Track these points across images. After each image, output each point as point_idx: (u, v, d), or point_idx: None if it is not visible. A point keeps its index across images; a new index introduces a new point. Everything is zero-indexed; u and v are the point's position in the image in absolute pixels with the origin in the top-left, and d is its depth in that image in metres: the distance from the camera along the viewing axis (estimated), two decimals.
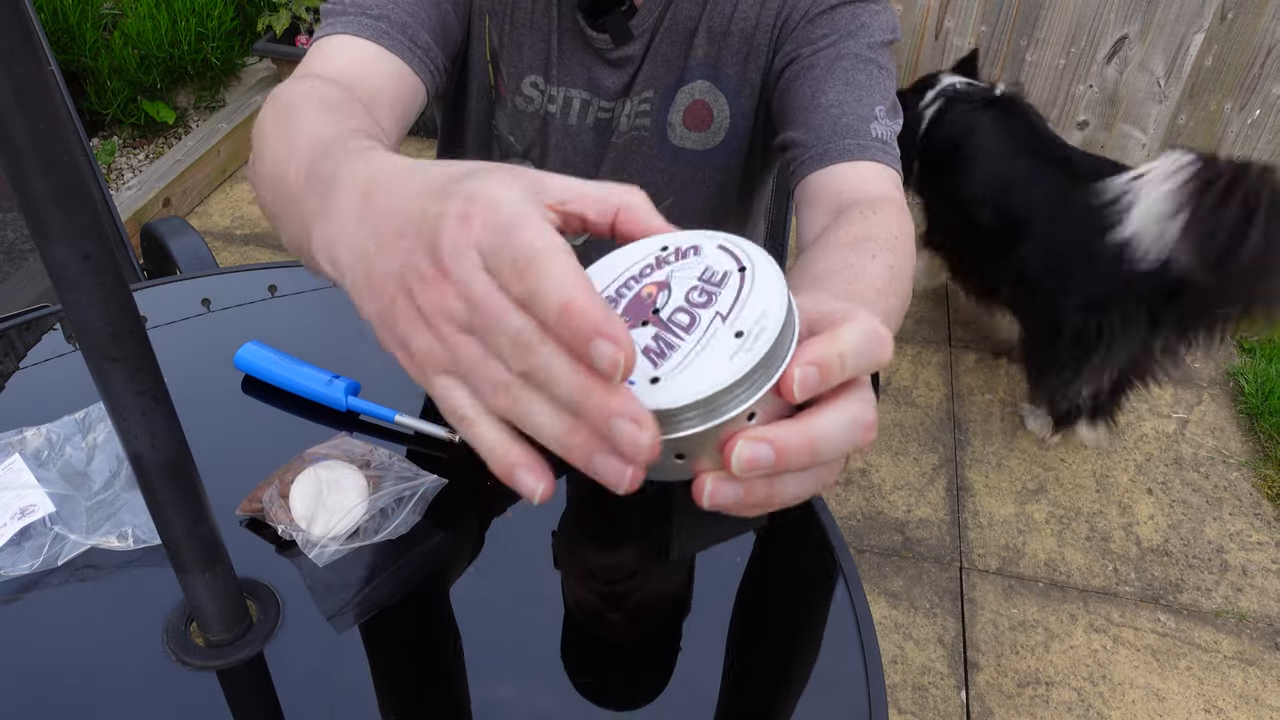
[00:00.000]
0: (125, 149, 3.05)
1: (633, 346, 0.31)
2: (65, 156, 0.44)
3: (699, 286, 0.37)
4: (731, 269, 0.37)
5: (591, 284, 0.32)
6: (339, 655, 0.67)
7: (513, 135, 1.02)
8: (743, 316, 0.35)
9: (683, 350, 0.35)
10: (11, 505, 0.74)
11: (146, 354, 0.52)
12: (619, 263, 0.39)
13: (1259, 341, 2.57)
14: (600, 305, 0.31)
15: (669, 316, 0.36)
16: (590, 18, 0.92)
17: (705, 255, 0.38)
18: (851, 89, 0.86)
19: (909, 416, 2.31)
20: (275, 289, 1.05)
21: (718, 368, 0.34)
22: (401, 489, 0.76)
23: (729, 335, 0.35)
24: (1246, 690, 1.76)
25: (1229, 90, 2.78)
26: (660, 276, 0.38)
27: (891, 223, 0.73)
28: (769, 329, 0.34)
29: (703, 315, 0.36)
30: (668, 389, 0.34)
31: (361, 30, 0.79)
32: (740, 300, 0.35)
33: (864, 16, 0.88)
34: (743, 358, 0.34)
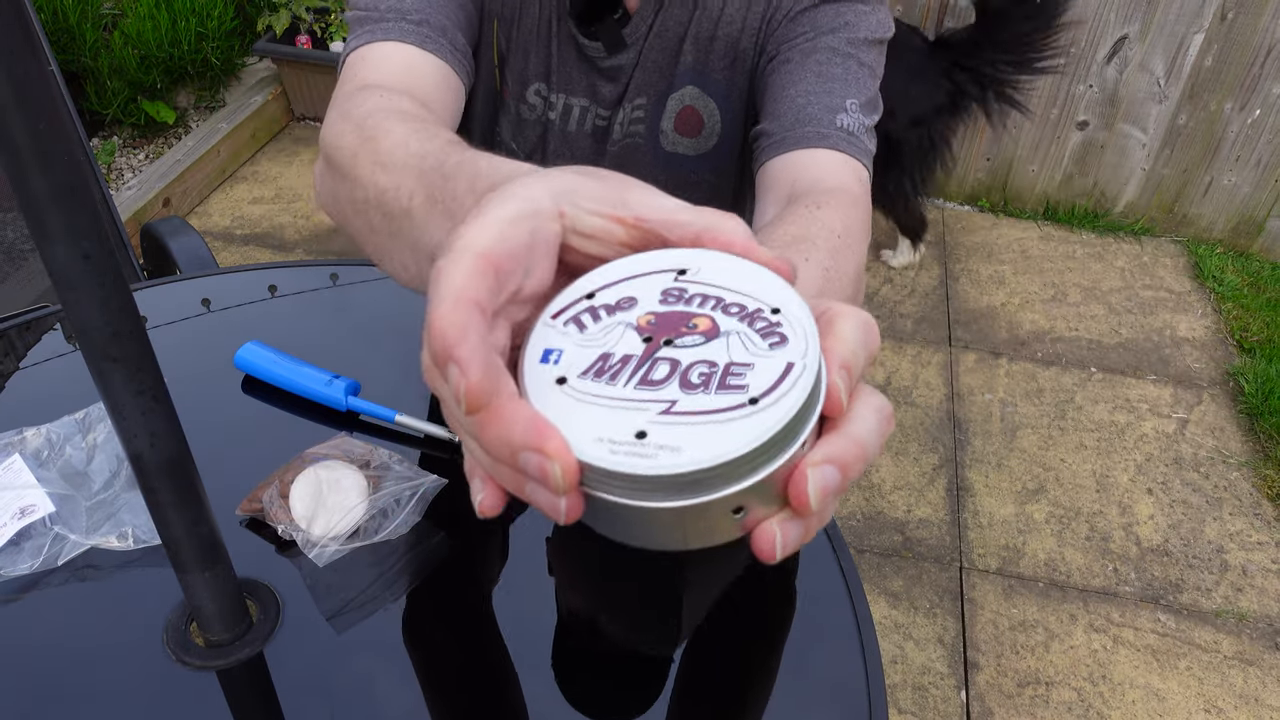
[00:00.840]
0: (125, 149, 3.05)
1: (478, 372, 0.29)
2: (65, 156, 0.44)
3: (738, 311, 0.34)
4: (762, 305, 0.34)
5: (460, 310, 0.30)
6: (339, 655, 0.67)
7: (515, 141, 1.02)
8: (788, 349, 0.32)
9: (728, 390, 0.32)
10: (11, 505, 0.74)
11: (146, 354, 0.52)
12: (635, 268, 0.36)
13: (1259, 341, 2.58)
14: (456, 328, 0.29)
15: (700, 353, 0.33)
16: (582, 26, 0.92)
17: (728, 285, 0.35)
18: (822, 80, 0.84)
19: (909, 416, 2.31)
20: (275, 289, 1.05)
21: (786, 404, 0.31)
22: (401, 489, 0.76)
23: (777, 366, 0.32)
24: (1246, 690, 1.76)
25: (1229, 90, 2.78)
26: (696, 309, 0.34)
27: (835, 221, 0.68)
28: (811, 357, 0.32)
29: (742, 350, 0.33)
30: (728, 434, 0.30)
31: (405, 36, 0.78)
32: (771, 326, 0.33)
33: (848, 15, 0.86)
34: (797, 393, 0.31)
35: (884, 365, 2.46)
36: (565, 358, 0.33)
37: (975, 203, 3.14)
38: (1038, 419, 2.32)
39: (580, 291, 0.36)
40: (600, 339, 0.34)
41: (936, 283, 2.77)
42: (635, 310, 0.35)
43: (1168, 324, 2.66)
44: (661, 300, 0.35)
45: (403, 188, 0.54)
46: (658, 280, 0.35)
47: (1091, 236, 3.02)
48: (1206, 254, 2.95)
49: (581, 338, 0.34)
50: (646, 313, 0.34)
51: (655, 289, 0.35)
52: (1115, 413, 2.36)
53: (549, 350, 0.34)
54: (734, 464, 0.30)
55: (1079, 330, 2.62)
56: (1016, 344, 2.56)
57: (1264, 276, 2.88)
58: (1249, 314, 2.70)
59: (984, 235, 3.00)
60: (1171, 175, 2.96)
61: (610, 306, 0.35)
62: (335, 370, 0.88)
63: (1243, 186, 2.92)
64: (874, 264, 2.82)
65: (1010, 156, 3.05)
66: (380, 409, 0.86)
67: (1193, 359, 2.54)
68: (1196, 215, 3.01)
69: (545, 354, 0.34)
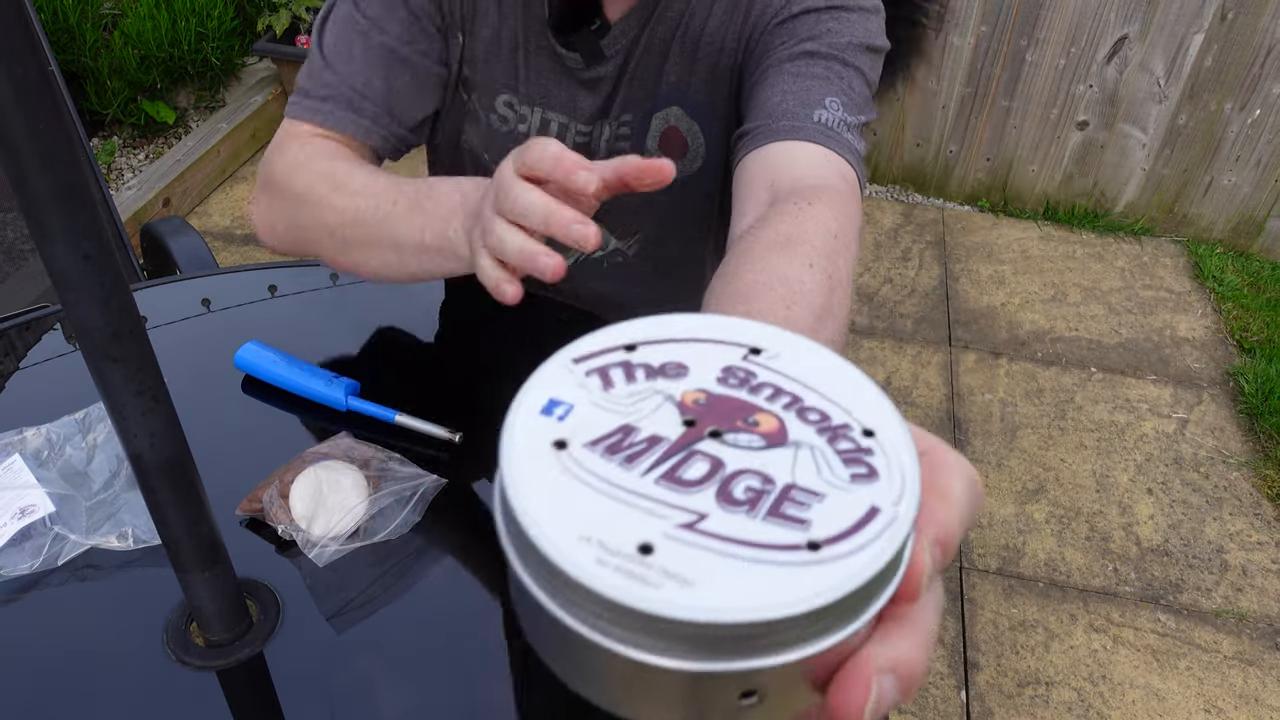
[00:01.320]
0: (125, 149, 3.05)
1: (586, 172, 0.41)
2: (66, 156, 0.44)
3: (820, 426, 0.26)
4: (851, 421, 0.26)
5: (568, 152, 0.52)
6: (339, 655, 0.67)
7: (487, 153, 1.00)
8: (876, 488, 0.25)
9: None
10: (12, 505, 0.74)
11: (146, 354, 0.52)
12: (696, 329, 0.29)
13: (1259, 341, 2.58)
14: (576, 158, 0.58)
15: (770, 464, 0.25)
16: (559, 35, 0.90)
17: (812, 383, 0.28)
18: (800, 80, 0.80)
19: (909, 416, 2.30)
20: (275, 289, 1.05)
21: (859, 563, 0.23)
22: (401, 489, 0.76)
23: (857, 508, 0.24)
24: (1246, 690, 1.76)
25: (1229, 90, 2.78)
26: (764, 401, 0.27)
27: (829, 218, 0.64)
28: (906, 509, 0.24)
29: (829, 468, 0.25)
30: (767, 582, 0.22)
31: (341, 125, 0.89)
32: (857, 452, 0.26)
33: (830, 23, 0.84)
34: (877, 553, 0.23)
35: (884, 365, 2.46)
36: (575, 416, 0.26)
37: (975, 203, 3.15)
38: (1038, 419, 2.32)
39: (618, 339, 0.28)
40: (627, 405, 0.27)
41: (936, 283, 2.77)
42: (683, 382, 0.27)
43: (1168, 324, 2.66)
44: (720, 379, 0.27)
45: (381, 203, 0.76)
46: (722, 352, 0.28)
47: (1091, 236, 3.02)
48: (1206, 254, 2.95)
49: (604, 397, 0.27)
50: (697, 389, 0.27)
51: (716, 363, 0.28)
52: (1115, 413, 2.36)
53: (555, 401, 0.27)
54: (765, 628, 0.22)
55: (1079, 330, 2.62)
56: (1016, 344, 2.56)
57: (1264, 276, 2.88)
58: (1249, 314, 2.70)
59: (984, 235, 3.00)
60: (1171, 175, 2.96)
61: (651, 368, 0.28)
62: (335, 370, 0.88)
63: (1243, 186, 2.92)
64: (874, 264, 2.82)
65: (1010, 156, 3.05)
66: (380, 409, 0.86)
67: (1193, 359, 2.54)
68: (1196, 215, 3.01)
69: (550, 404, 0.27)
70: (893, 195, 3.16)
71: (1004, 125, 2.99)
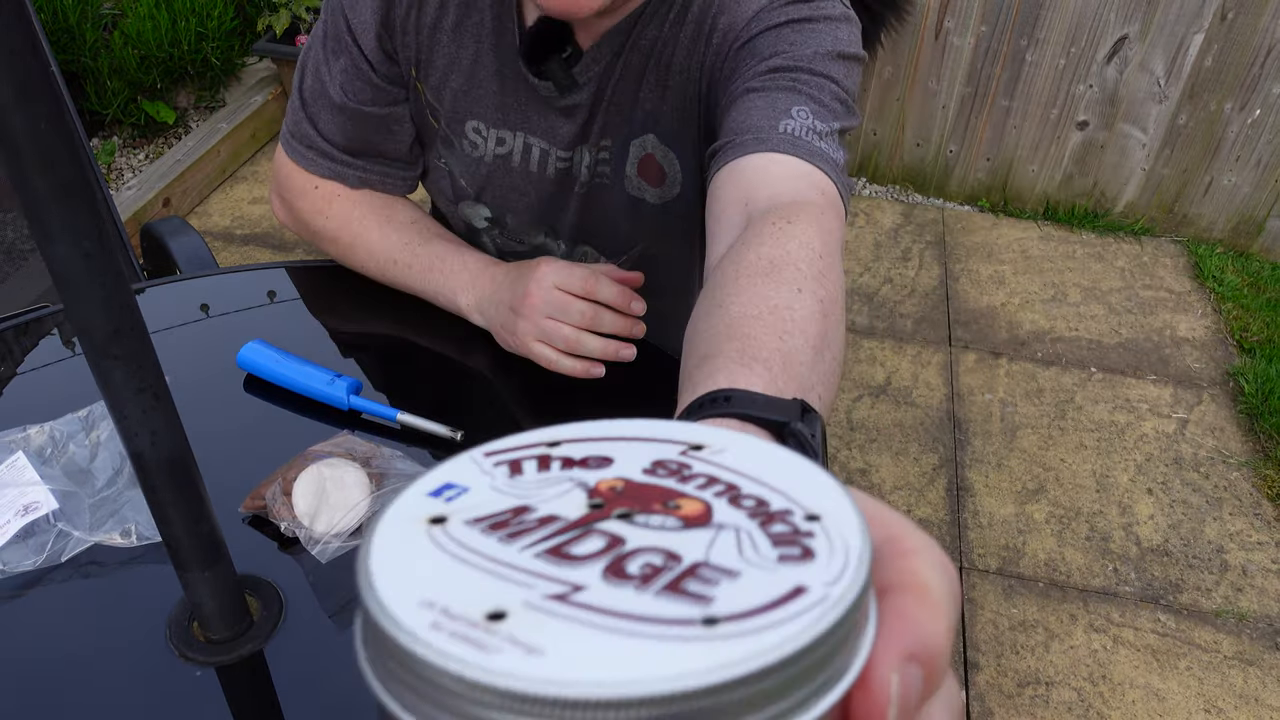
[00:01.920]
0: (125, 149, 3.06)
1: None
2: (67, 155, 0.44)
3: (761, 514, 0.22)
4: (793, 507, 0.22)
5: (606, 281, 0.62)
6: (341, 652, 0.67)
7: (464, 179, 1.01)
8: (807, 569, 0.20)
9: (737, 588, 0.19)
10: (15, 502, 0.74)
11: (147, 352, 0.52)
12: (631, 430, 0.26)
13: (1259, 341, 2.58)
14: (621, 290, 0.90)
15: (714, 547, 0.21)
16: (530, 65, 0.90)
17: (757, 475, 0.23)
18: (765, 95, 0.78)
19: (909, 416, 2.31)
20: (275, 289, 1.05)
21: (764, 642, 0.18)
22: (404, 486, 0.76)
23: (776, 587, 0.19)
24: (1246, 690, 1.76)
25: (1229, 90, 2.78)
26: (692, 489, 0.23)
27: (811, 236, 0.61)
28: (845, 589, 0.19)
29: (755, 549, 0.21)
30: (635, 654, 0.17)
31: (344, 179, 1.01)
32: (793, 534, 0.21)
33: (791, 36, 0.81)
34: (794, 633, 0.18)
35: (884, 365, 2.46)
36: (466, 497, 0.22)
37: (975, 203, 3.15)
38: (1038, 419, 2.33)
39: (541, 437, 0.25)
40: (531, 491, 0.23)
41: (936, 283, 2.77)
42: (603, 472, 0.23)
43: (1168, 324, 2.67)
44: (647, 470, 0.23)
45: (400, 262, 0.99)
46: (656, 448, 0.24)
47: (1091, 236, 3.02)
48: (1206, 254, 2.95)
49: (506, 483, 0.23)
50: (616, 477, 0.23)
51: (646, 456, 0.24)
52: (1115, 413, 2.36)
53: (449, 485, 0.23)
54: (617, 707, 0.16)
55: (1079, 330, 2.62)
56: (1016, 344, 2.56)
57: (1264, 276, 2.88)
58: (1249, 314, 2.70)
59: (984, 235, 3.00)
60: (1171, 175, 2.96)
61: (572, 460, 0.24)
62: (337, 369, 0.88)
63: (1243, 186, 2.92)
64: (874, 264, 2.83)
65: (1010, 156, 3.05)
66: (382, 408, 0.86)
67: (1193, 359, 2.54)
68: (1196, 215, 3.01)
69: (442, 488, 0.23)
70: (893, 195, 3.16)
71: (1004, 125, 3.00)
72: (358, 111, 0.96)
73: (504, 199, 1.01)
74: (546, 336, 0.88)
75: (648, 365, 0.96)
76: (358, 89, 0.95)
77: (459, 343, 0.97)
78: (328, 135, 0.97)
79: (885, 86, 3.03)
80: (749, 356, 0.50)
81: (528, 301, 0.88)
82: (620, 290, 0.90)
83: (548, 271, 0.88)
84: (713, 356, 0.52)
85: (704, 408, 0.45)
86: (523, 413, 0.91)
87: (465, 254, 0.97)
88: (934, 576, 0.21)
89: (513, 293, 0.90)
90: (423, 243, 0.98)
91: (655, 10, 0.87)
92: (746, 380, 0.48)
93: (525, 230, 1.04)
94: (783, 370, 0.50)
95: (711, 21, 0.86)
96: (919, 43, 2.92)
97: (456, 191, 1.03)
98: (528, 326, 0.89)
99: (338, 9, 0.92)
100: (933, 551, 0.22)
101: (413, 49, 0.93)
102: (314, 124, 0.97)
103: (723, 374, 0.49)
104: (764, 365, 0.50)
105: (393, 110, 0.97)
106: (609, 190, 0.97)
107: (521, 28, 0.90)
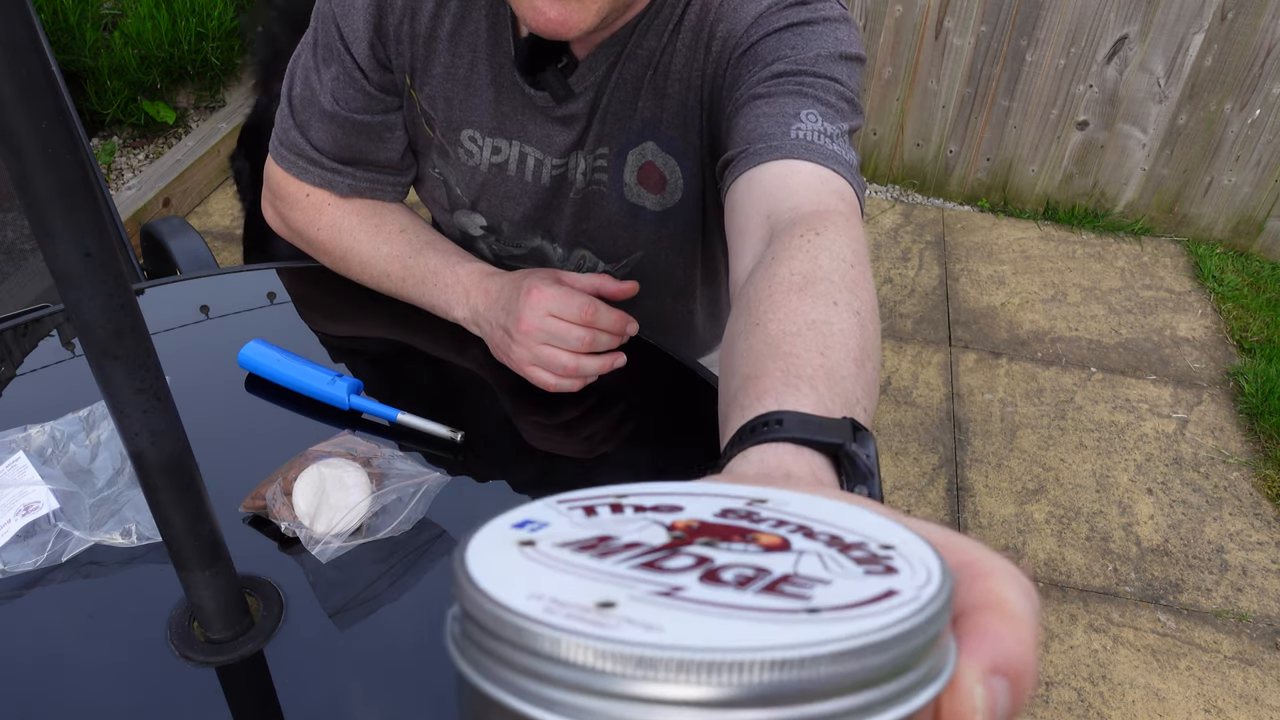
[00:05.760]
0: (125, 149, 3.05)
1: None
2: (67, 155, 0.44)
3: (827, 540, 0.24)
4: (867, 540, 0.24)
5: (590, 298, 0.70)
6: (341, 652, 0.67)
7: (459, 188, 1.01)
8: (893, 579, 0.21)
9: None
10: (16, 502, 0.74)
11: (147, 352, 0.52)
12: (695, 489, 0.27)
13: (1259, 341, 2.58)
14: (594, 302, 0.87)
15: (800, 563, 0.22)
16: (526, 75, 0.90)
17: (824, 518, 0.25)
18: (772, 101, 0.77)
19: (909, 416, 2.31)
20: (274, 296, 1.05)
21: (865, 625, 0.19)
22: (404, 486, 0.76)
23: (867, 588, 0.21)
24: (1246, 690, 1.76)
25: (1229, 90, 2.78)
26: (765, 528, 0.24)
27: (841, 247, 0.61)
28: (934, 595, 0.20)
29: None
30: (749, 627, 0.19)
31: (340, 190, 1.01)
32: (873, 557, 0.23)
33: (792, 40, 0.81)
34: (891, 621, 0.19)
35: (884, 365, 2.46)
36: (549, 530, 0.24)
37: (975, 203, 3.15)
38: (1038, 419, 2.33)
39: (609, 490, 0.26)
40: (611, 526, 0.24)
41: (936, 283, 2.77)
42: (678, 515, 0.25)
43: (1168, 324, 2.67)
44: (719, 514, 0.25)
45: (392, 274, 0.99)
46: (723, 501, 0.26)
47: (1091, 236, 3.02)
48: (1206, 254, 2.95)
49: (584, 521, 0.24)
50: (691, 519, 0.24)
51: (715, 506, 0.25)
52: (1115, 413, 2.36)
53: (530, 520, 0.24)
54: (737, 669, 0.17)
55: (1079, 330, 2.62)
56: (1016, 344, 2.56)
57: (1264, 276, 2.88)
58: (1249, 314, 2.70)
59: (984, 235, 3.00)
60: (1171, 175, 2.96)
61: (643, 506, 0.25)
62: (338, 369, 0.88)
63: (1243, 186, 2.92)
64: (874, 264, 2.83)
65: (1010, 156, 3.05)
66: (383, 408, 0.86)
67: (1193, 359, 2.54)
68: (1196, 215, 3.01)
69: (524, 522, 0.24)
70: (892, 195, 3.16)
71: (1004, 125, 3.00)
72: (349, 119, 0.95)
73: (499, 208, 1.01)
74: (543, 363, 0.87)
75: (648, 365, 0.96)
76: (349, 97, 0.94)
77: (459, 343, 0.97)
78: (317, 143, 0.97)
79: (885, 86, 3.03)
80: (794, 375, 0.50)
81: (521, 328, 0.87)
82: (618, 317, 0.89)
83: (540, 299, 0.86)
84: (757, 377, 0.51)
85: (756, 432, 0.44)
86: (523, 412, 0.91)
87: (458, 266, 0.95)
88: (1013, 594, 0.22)
89: (507, 314, 0.89)
90: (414, 254, 0.97)
91: (652, 20, 0.87)
92: (795, 401, 0.48)
93: (521, 235, 1.04)
94: (828, 388, 0.50)
95: (710, 29, 0.85)
96: (919, 43, 2.92)
97: (452, 201, 1.03)
98: (523, 353, 0.88)
99: (329, 17, 0.92)
100: (1010, 572, 0.23)
101: (407, 57, 0.93)
102: (303, 132, 0.97)
103: (770, 396, 0.48)
104: (809, 384, 0.49)
105: (385, 118, 0.97)
106: (605, 198, 0.97)
107: (517, 37, 0.90)
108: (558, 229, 1.01)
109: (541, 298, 0.86)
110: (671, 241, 1.00)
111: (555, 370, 0.87)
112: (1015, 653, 0.21)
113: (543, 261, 1.06)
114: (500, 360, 0.92)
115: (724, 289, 1.14)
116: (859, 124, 0.81)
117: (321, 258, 1.03)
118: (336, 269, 1.02)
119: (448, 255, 0.97)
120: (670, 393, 0.96)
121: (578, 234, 1.01)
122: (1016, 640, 0.21)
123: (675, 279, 1.06)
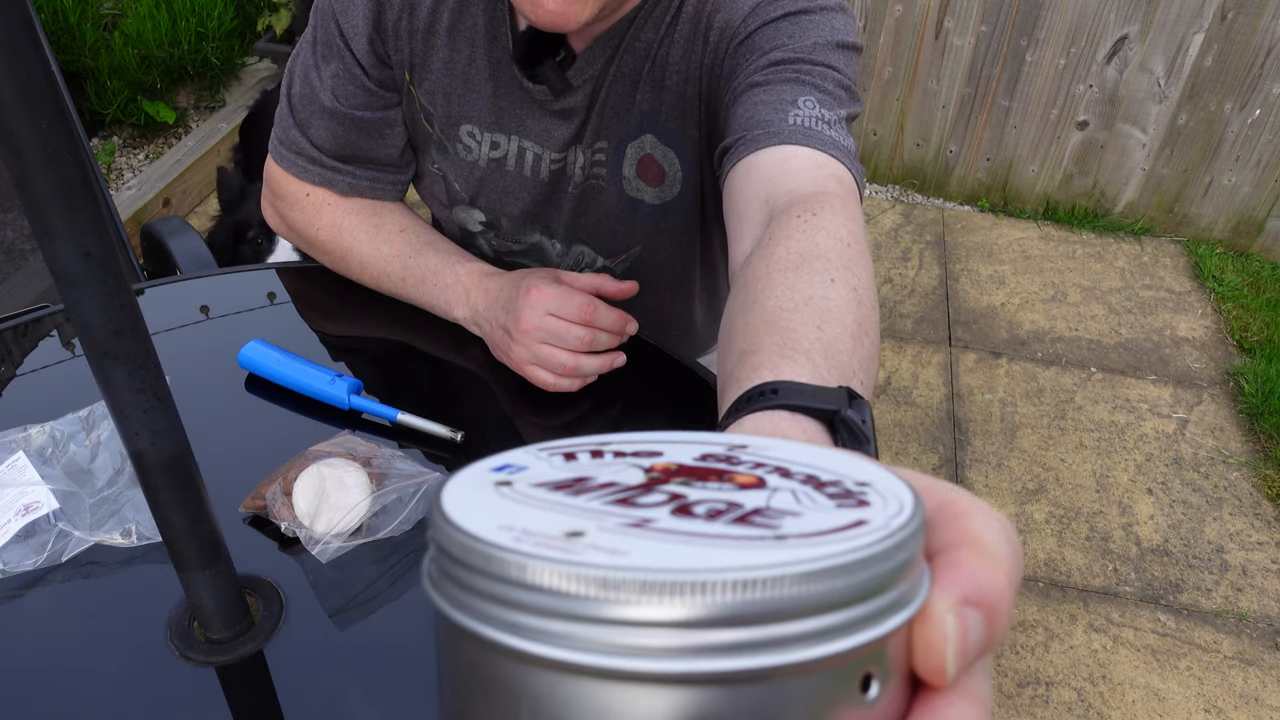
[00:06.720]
0: (125, 149, 3.05)
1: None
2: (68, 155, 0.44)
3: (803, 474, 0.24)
4: (842, 477, 0.24)
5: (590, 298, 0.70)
6: (341, 652, 0.67)
7: (458, 183, 1.01)
8: (864, 510, 0.21)
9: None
10: (16, 502, 0.74)
11: (147, 351, 0.52)
12: (677, 437, 0.28)
13: (1259, 341, 2.58)
14: (594, 301, 0.88)
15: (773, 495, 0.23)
16: (524, 69, 0.90)
17: (802, 460, 0.25)
18: (769, 89, 0.78)
19: (909, 416, 2.31)
20: (274, 296, 1.05)
21: (833, 549, 0.19)
22: (404, 486, 0.76)
23: (836, 518, 0.21)
24: (1246, 690, 1.76)
25: (1229, 90, 2.78)
26: (743, 470, 0.25)
27: (838, 227, 0.62)
28: (905, 522, 0.20)
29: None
30: (714, 550, 0.19)
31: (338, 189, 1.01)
32: (846, 492, 0.23)
33: (789, 29, 0.81)
34: (861, 545, 0.19)
35: (884, 365, 2.46)
36: (527, 473, 0.24)
37: (975, 203, 3.15)
38: (1038, 419, 2.33)
39: (591, 440, 0.27)
40: (589, 470, 0.24)
41: (936, 283, 2.77)
42: (656, 460, 0.25)
43: (1168, 324, 2.67)
44: (698, 459, 0.25)
45: (392, 274, 0.99)
46: (704, 447, 0.26)
47: (1091, 236, 3.02)
48: (1206, 254, 2.95)
49: (563, 465, 0.25)
50: (670, 462, 0.25)
51: (694, 451, 0.26)
52: (1115, 413, 2.36)
53: (508, 465, 0.25)
54: (701, 590, 0.18)
55: (1079, 330, 2.62)
56: (1016, 344, 2.56)
57: (1264, 276, 2.88)
58: (1249, 314, 2.70)
59: (984, 235, 3.00)
60: (1171, 175, 2.96)
61: (623, 452, 0.26)
62: (338, 369, 0.88)
63: (1243, 186, 2.92)
64: (874, 264, 2.82)
65: (1010, 156, 3.05)
66: (383, 408, 0.86)
67: (1193, 359, 2.54)
68: (1196, 215, 3.01)
69: (503, 466, 0.25)
70: (892, 195, 3.16)
71: (1004, 125, 3.00)
72: (349, 116, 0.95)
73: (498, 203, 1.01)
74: (542, 362, 0.88)
75: (647, 365, 0.96)
76: (350, 93, 0.95)
77: (459, 343, 0.97)
78: (317, 141, 0.97)
79: (885, 86, 3.03)
80: (790, 348, 0.51)
81: (521, 327, 0.87)
82: (617, 316, 0.89)
83: (540, 298, 0.87)
84: (753, 351, 0.51)
85: (752, 401, 0.44)
86: (522, 412, 0.91)
87: (457, 265, 0.96)
88: (990, 532, 0.22)
89: (506, 314, 0.89)
90: (413, 254, 0.97)
91: (649, 13, 0.87)
92: (791, 372, 0.48)
93: (520, 231, 1.04)
94: (824, 359, 0.50)
95: (707, 20, 0.86)
96: (919, 43, 2.92)
97: (451, 196, 1.03)
98: (522, 352, 0.88)
99: (329, 13, 0.92)
100: (988, 512, 0.23)
101: (405, 53, 0.93)
102: (303, 130, 0.97)
103: (766, 368, 0.49)
104: (806, 356, 0.50)
105: (384, 114, 0.97)
106: (604, 192, 0.97)
107: (515, 31, 0.90)
108: (556, 224, 1.02)
109: (541, 297, 0.87)
110: (670, 235, 1.00)
111: (554, 369, 0.87)
112: (989, 586, 0.21)
113: (541, 257, 1.06)
114: (500, 360, 0.92)
115: (723, 284, 1.14)
116: (857, 111, 0.81)
117: (321, 257, 1.03)
118: (336, 269, 1.02)
119: (448, 255, 0.97)
120: (670, 393, 0.96)
121: (576, 229, 1.01)
122: (990, 574, 0.21)
123: (674, 273, 1.06)
